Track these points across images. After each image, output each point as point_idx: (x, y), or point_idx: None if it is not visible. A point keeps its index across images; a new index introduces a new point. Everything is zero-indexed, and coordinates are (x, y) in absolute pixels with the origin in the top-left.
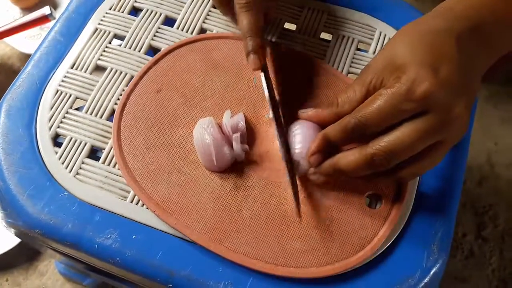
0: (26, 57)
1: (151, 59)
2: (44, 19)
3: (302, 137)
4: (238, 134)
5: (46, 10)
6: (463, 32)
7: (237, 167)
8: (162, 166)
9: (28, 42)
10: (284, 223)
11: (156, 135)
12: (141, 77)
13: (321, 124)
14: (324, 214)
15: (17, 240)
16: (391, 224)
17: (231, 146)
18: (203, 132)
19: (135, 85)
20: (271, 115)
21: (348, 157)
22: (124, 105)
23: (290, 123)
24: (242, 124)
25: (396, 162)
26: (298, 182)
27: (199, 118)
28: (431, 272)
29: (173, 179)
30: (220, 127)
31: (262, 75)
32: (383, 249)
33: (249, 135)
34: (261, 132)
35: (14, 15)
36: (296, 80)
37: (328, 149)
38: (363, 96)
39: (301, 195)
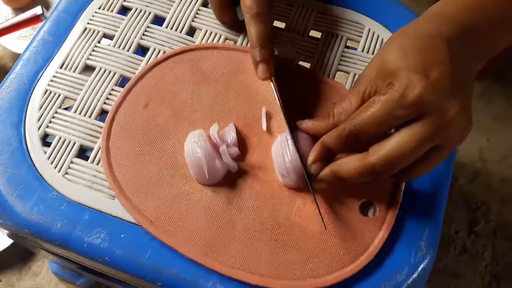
0: (18, 58)
1: (137, 72)
2: (36, 19)
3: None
4: (224, 146)
5: (38, 10)
6: (453, 35)
7: (229, 179)
8: (152, 180)
9: (20, 42)
10: (278, 236)
11: (147, 149)
12: (128, 91)
13: (318, 136)
14: (318, 224)
15: (10, 241)
16: (386, 232)
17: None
18: (194, 146)
19: (123, 99)
20: (264, 126)
21: (349, 165)
22: (112, 120)
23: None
24: (233, 135)
25: (397, 170)
26: (291, 193)
27: (190, 131)
28: (419, 268)
29: (164, 193)
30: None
31: (272, 84)
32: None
33: (241, 146)
34: (253, 143)
35: (6, 15)
36: (289, 91)
37: (327, 157)
38: (359, 105)
39: (295, 206)
